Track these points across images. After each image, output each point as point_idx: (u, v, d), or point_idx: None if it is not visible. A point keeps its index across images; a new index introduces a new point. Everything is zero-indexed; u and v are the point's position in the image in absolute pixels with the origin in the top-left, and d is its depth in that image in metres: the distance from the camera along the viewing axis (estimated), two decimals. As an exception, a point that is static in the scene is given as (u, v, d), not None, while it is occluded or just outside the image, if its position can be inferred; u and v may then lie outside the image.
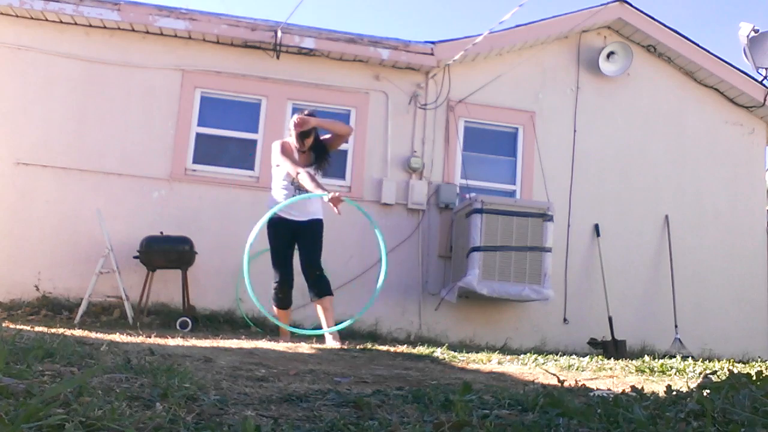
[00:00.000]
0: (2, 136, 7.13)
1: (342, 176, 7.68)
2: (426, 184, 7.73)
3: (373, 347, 5.15)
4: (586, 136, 8.20)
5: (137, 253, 6.62)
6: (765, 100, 8.40)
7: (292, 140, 5.33)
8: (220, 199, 7.40)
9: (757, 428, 1.64)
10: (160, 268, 6.72)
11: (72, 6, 7.15)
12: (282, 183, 5.33)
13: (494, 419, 1.89)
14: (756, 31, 8.58)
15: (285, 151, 5.29)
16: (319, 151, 5.37)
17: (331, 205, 5.04)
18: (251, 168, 7.55)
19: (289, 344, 4.96)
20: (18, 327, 4.27)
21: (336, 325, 5.22)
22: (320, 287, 5.21)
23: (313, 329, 5.53)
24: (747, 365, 4.66)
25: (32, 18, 7.27)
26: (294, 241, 5.39)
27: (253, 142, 7.59)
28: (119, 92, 7.39)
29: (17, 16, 7.25)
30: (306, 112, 5.31)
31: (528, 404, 2.16)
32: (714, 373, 3.15)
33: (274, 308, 5.43)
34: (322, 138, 5.42)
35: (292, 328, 5.58)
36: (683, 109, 8.57)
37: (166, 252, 6.66)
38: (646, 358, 4.59)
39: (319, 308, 5.26)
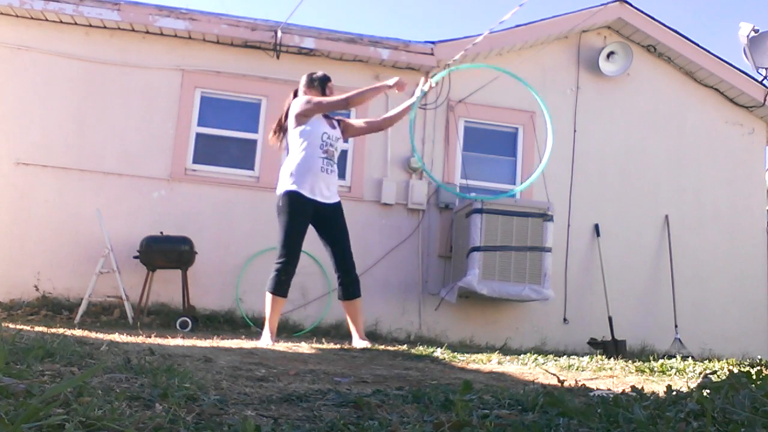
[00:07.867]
0: (2, 136, 7.13)
1: (342, 176, 7.67)
2: (426, 184, 7.73)
3: (373, 347, 5.15)
4: (586, 136, 8.20)
5: (137, 253, 6.62)
6: (765, 100, 8.40)
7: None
8: (220, 199, 7.40)
9: (757, 428, 1.64)
10: (160, 268, 6.73)
11: (72, 6, 7.15)
12: (317, 151, 4.67)
13: (494, 419, 1.89)
14: (756, 31, 8.58)
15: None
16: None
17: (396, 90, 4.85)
18: (251, 168, 7.55)
19: (289, 344, 4.96)
20: (18, 327, 4.27)
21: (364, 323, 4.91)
22: (355, 288, 4.80)
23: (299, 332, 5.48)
24: (746, 365, 4.66)
25: (32, 18, 7.27)
26: (310, 226, 4.76)
27: (253, 142, 7.59)
28: (119, 92, 7.39)
29: (17, 16, 7.25)
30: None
31: (528, 404, 2.16)
32: (714, 373, 3.15)
33: (269, 296, 4.68)
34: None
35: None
36: (683, 109, 8.56)
37: (166, 252, 6.66)
38: (646, 358, 4.59)
39: (348, 312, 4.87)
